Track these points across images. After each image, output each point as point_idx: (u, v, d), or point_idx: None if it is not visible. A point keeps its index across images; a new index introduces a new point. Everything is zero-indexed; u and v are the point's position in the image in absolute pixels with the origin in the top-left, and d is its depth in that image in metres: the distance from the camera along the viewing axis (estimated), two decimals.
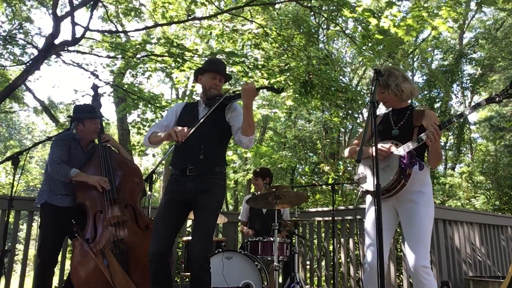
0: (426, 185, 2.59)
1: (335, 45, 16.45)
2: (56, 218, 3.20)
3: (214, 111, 2.77)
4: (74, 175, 3.16)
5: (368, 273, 2.58)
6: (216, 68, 2.89)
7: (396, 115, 2.70)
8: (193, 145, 2.71)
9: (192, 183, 2.69)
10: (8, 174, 16.44)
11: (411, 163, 2.44)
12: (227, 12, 7.52)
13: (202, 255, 2.56)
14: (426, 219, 2.51)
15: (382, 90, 2.66)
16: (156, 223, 2.70)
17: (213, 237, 2.92)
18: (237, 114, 2.79)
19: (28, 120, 24.40)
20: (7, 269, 3.57)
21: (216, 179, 2.74)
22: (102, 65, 8.06)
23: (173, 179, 2.79)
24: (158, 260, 2.60)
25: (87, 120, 3.38)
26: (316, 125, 13.88)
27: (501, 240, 5.16)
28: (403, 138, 2.55)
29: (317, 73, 7.36)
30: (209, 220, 2.67)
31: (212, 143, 2.77)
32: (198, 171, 2.69)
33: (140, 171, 3.54)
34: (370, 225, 2.67)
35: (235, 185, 18.24)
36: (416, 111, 2.67)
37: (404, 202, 2.55)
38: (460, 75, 15.39)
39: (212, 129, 2.77)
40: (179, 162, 2.79)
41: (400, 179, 2.46)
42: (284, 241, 3.96)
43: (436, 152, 2.52)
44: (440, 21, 5.98)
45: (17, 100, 14.36)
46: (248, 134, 2.65)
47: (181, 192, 2.71)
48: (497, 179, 10.56)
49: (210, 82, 2.83)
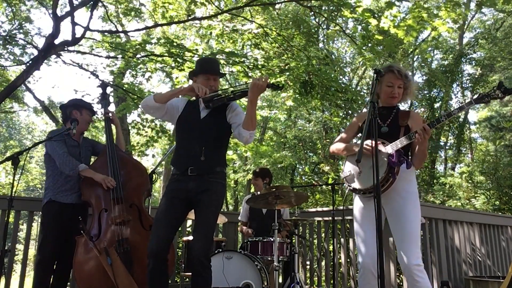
0: (412, 184, 2.60)
1: (335, 45, 16.47)
2: (59, 215, 3.22)
3: (215, 112, 2.80)
4: (82, 170, 3.20)
5: (361, 274, 2.57)
6: (209, 69, 2.88)
7: (382, 113, 2.68)
8: (194, 146, 2.73)
9: (194, 183, 2.70)
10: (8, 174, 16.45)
11: (399, 161, 2.45)
12: (227, 12, 7.52)
13: (203, 252, 2.59)
14: (415, 217, 2.51)
15: (401, 84, 2.65)
16: (157, 220, 2.72)
17: (213, 236, 2.92)
18: (238, 113, 2.81)
19: (28, 120, 24.45)
20: (7, 269, 3.56)
21: (217, 178, 2.75)
22: (102, 65, 8.07)
23: (174, 178, 2.80)
24: (157, 256, 2.62)
25: (85, 110, 3.47)
26: (316, 125, 13.87)
27: (501, 240, 5.16)
28: (391, 136, 2.55)
29: (317, 73, 7.36)
30: (209, 219, 2.69)
31: (213, 144, 2.78)
32: (199, 171, 2.71)
33: (146, 171, 3.56)
34: (360, 223, 2.66)
35: (235, 185, 18.25)
36: (401, 112, 2.68)
37: (391, 200, 2.54)
38: (460, 75, 15.39)
39: (213, 130, 2.79)
40: (180, 162, 2.80)
41: (388, 177, 2.47)
42: (284, 241, 3.96)
43: (423, 153, 2.54)
44: (440, 22, 5.98)
45: (17, 100, 14.37)
46: (249, 129, 2.68)
47: (183, 191, 2.72)
48: (497, 179, 10.57)
49: (205, 84, 2.82)
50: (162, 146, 15.87)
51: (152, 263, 2.62)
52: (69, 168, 3.19)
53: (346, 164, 2.75)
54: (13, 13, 9.41)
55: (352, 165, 2.68)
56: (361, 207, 2.66)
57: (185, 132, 2.83)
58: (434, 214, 4.20)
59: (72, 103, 3.48)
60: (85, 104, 3.53)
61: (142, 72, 7.93)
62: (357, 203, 2.70)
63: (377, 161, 2.07)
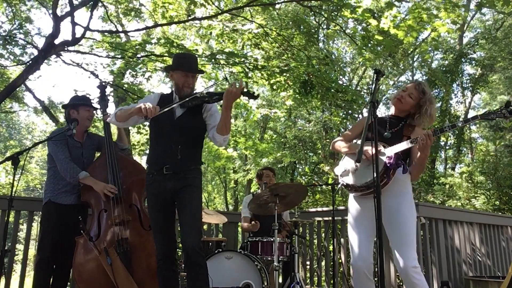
0: (407, 186, 2.60)
1: (335, 45, 16.46)
2: (58, 216, 3.21)
3: (191, 111, 2.80)
4: (82, 178, 3.19)
5: (355, 277, 2.57)
6: (187, 66, 2.85)
7: (393, 121, 2.71)
8: (170, 145, 2.74)
9: (170, 182, 2.72)
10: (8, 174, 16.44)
11: (396, 164, 2.45)
12: (227, 12, 7.51)
13: (197, 243, 2.65)
14: (411, 219, 2.51)
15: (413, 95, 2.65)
16: (153, 229, 2.81)
17: (201, 225, 2.96)
18: (213, 113, 2.84)
19: (28, 120, 24.45)
20: (7, 269, 3.57)
21: (193, 174, 2.78)
22: (102, 65, 8.06)
23: (150, 179, 2.81)
24: (167, 259, 2.75)
25: (81, 106, 3.43)
26: (316, 125, 13.85)
27: (501, 240, 5.16)
28: (392, 143, 2.55)
29: (317, 74, 7.36)
30: (194, 211, 2.72)
31: (189, 143, 2.80)
32: (175, 169, 2.73)
33: (145, 171, 3.54)
34: (353, 224, 2.64)
35: (235, 185, 18.24)
36: (408, 124, 2.69)
37: (385, 201, 2.50)
38: (460, 75, 15.38)
39: (189, 129, 2.80)
40: (155, 160, 2.82)
41: (383, 178, 2.46)
42: (284, 241, 3.96)
43: (422, 161, 2.54)
44: (440, 22, 5.98)
45: (17, 100, 14.34)
46: (224, 134, 2.72)
47: (162, 193, 2.75)
48: (497, 179, 10.57)
49: (181, 80, 2.81)
50: None
51: (163, 265, 2.74)
52: (70, 176, 3.19)
53: (343, 161, 2.74)
54: (13, 13, 9.42)
55: (348, 163, 2.67)
56: (355, 208, 2.65)
57: (161, 131, 2.83)
58: (434, 214, 4.20)
59: (69, 103, 3.45)
60: (81, 101, 3.48)
61: (142, 72, 7.93)
62: (352, 204, 2.69)
63: (377, 161, 2.07)
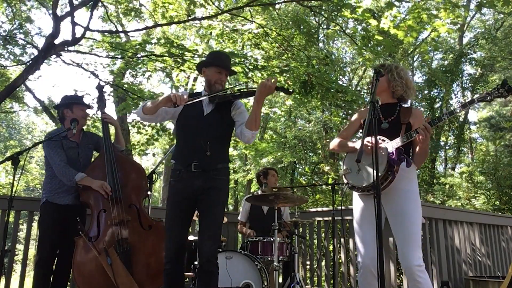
0: (413, 183, 2.57)
1: (335, 45, 16.46)
2: (56, 216, 3.21)
3: (220, 108, 2.79)
4: (79, 179, 3.18)
5: (361, 273, 2.56)
6: (222, 62, 2.88)
7: (385, 110, 2.66)
8: (199, 141, 2.70)
9: (199, 181, 2.68)
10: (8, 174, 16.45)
11: (399, 159, 2.42)
12: (227, 12, 7.52)
13: (213, 252, 2.63)
14: (416, 217, 2.49)
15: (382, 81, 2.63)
16: (170, 226, 2.74)
17: (221, 232, 2.94)
18: (242, 112, 2.82)
19: (28, 120, 24.44)
20: (7, 269, 3.57)
21: (221, 175, 2.75)
22: (102, 65, 8.06)
23: (177, 176, 2.75)
24: (176, 261, 2.69)
25: (75, 106, 3.41)
26: (316, 125, 13.86)
27: (501, 240, 5.16)
28: (391, 133, 2.53)
29: (317, 74, 7.36)
30: (217, 218, 2.70)
31: (218, 140, 2.77)
32: (204, 166, 2.68)
33: (144, 171, 3.55)
34: (359, 222, 2.63)
35: (235, 185, 18.23)
36: (403, 108, 2.65)
37: (391, 200, 2.51)
38: (460, 75, 15.38)
39: (218, 126, 2.78)
40: (183, 157, 2.76)
41: (387, 176, 2.43)
42: (284, 241, 3.96)
43: (424, 150, 2.52)
44: (440, 23, 5.98)
45: (17, 100, 14.35)
46: (253, 129, 2.67)
47: (189, 191, 2.70)
48: (497, 179, 10.55)
49: (215, 76, 2.82)
50: (162, 146, 15.87)
51: (170, 267, 2.68)
52: (66, 179, 3.19)
53: (346, 161, 2.73)
54: (13, 13, 9.42)
55: (350, 162, 2.65)
56: (361, 206, 2.63)
57: (189, 128, 2.79)
58: (434, 214, 4.20)
59: (62, 103, 3.43)
60: (74, 100, 3.46)
61: (142, 72, 7.93)
62: (357, 202, 2.67)
63: (377, 161, 2.06)
